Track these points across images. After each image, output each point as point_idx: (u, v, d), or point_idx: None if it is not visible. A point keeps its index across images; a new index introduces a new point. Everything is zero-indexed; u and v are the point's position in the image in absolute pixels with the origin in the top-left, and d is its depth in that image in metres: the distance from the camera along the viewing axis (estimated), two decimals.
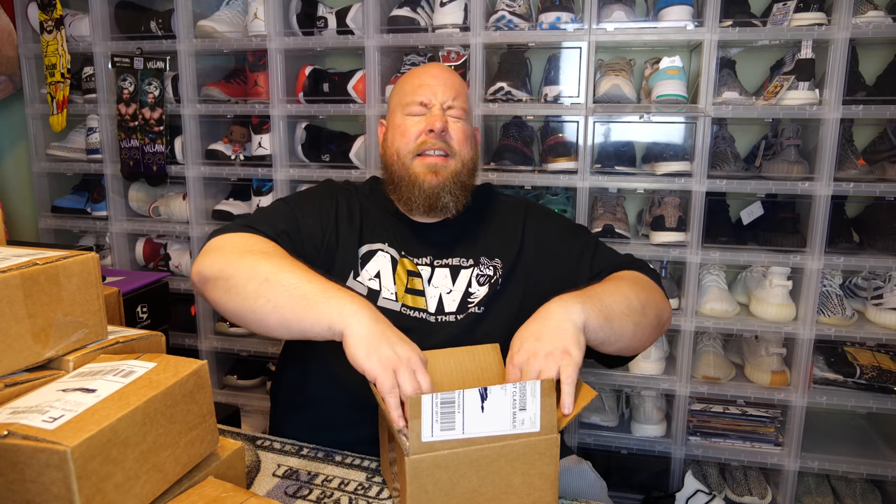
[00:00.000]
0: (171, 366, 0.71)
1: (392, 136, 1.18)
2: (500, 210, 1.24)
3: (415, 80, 1.18)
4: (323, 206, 1.17)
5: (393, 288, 1.12)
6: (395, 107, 1.19)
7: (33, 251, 0.77)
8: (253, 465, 0.94)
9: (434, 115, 1.13)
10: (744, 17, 1.67)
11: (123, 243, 2.18)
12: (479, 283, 1.15)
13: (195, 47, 1.97)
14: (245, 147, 2.05)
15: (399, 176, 1.15)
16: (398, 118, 1.17)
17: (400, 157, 1.15)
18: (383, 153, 1.22)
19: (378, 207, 1.21)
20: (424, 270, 1.15)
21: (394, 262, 1.14)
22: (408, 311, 1.11)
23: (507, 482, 0.78)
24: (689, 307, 1.75)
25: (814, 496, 1.79)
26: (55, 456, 0.56)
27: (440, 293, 1.13)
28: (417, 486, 0.74)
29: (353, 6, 1.87)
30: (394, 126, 1.18)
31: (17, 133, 2.40)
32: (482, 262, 1.17)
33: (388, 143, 1.19)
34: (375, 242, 1.16)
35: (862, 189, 1.63)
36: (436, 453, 0.74)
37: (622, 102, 1.73)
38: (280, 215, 1.13)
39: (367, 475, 0.93)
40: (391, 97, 1.23)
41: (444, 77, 1.17)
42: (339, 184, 1.27)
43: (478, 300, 1.13)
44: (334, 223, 1.15)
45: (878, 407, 1.70)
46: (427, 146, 1.13)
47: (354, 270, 1.12)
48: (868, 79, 1.74)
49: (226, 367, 2.20)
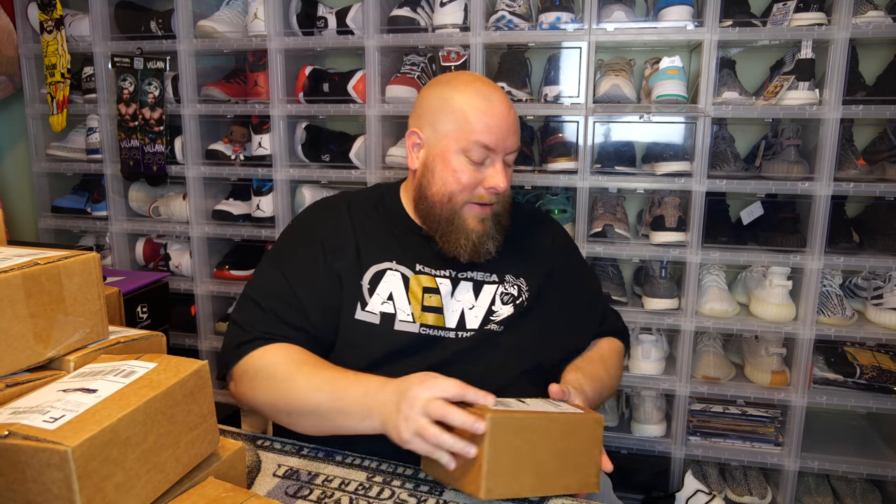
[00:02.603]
0: (172, 366, 0.71)
1: (444, 174, 1.08)
2: (526, 227, 1.20)
3: (482, 118, 1.05)
4: (312, 259, 1.10)
5: (409, 308, 1.07)
6: (453, 138, 1.07)
7: (34, 251, 0.77)
8: (253, 465, 0.94)
9: (498, 171, 1.07)
10: (744, 17, 1.67)
11: (123, 243, 2.18)
12: (502, 301, 1.12)
13: (195, 47, 1.97)
14: (245, 147, 2.05)
15: (444, 218, 1.08)
16: (455, 158, 1.07)
17: (451, 201, 1.08)
18: (423, 181, 1.11)
19: (384, 223, 1.15)
20: (444, 284, 1.10)
21: (405, 279, 1.09)
22: (427, 330, 1.07)
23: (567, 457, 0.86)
24: (689, 307, 1.75)
25: (814, 496, 1.79)
26: (56, 456, 0.56)
27: (462, 308, 1.10)
28: (494, 447, 0.79)
29: (353, 6, 1.87)
30: (447, 164, 1.07)
31: (17, 133, 2.40)
32: (507, 280, 1.14)
33: (438, 180, 1.08)
34: (380, 262, 1.10)
35: (862, 189, 1.63)
36: (514, 416, 0.82)
37: (622, 102, 1.73)
38: (285, 304, 1.06)
39: (368, 475, 0.93)
40: (441, 114, 1.09)
41: (511, 119, 1.08)
42: (317, 215, 1.17)
43: (500, 318, 1.10)
44: (327, 268, 1.08)
45: (878, 407, 1.70)
46: (483, 199, 1.09)
47: (361, 301, 1.08)
48: (868, 79, 1.74)
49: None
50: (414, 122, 1.14)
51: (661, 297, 1.77)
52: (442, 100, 1.09)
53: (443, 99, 1.09)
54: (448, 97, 1.08)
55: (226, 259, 2.14)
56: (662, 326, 1.82)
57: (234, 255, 2.15)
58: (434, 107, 1.10)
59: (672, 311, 1.78)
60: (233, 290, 2.07)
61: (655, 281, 1.80)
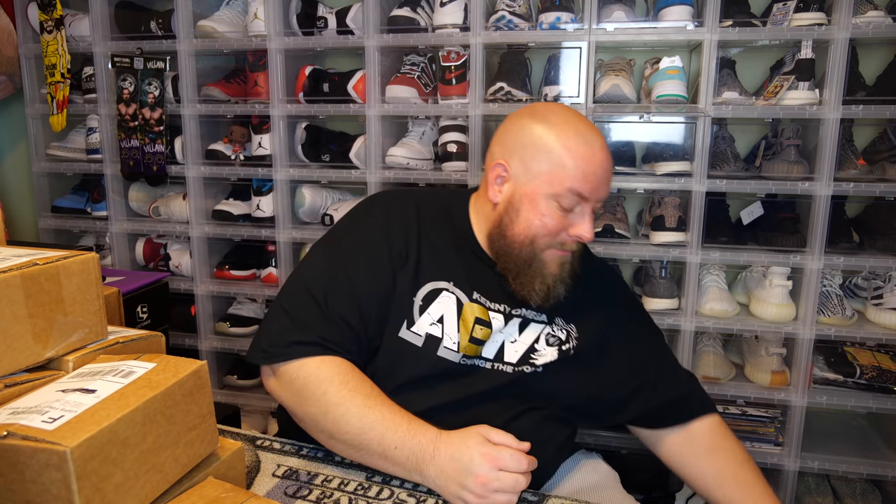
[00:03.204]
0: (171, 366, 0.71)
1: (529, 216, 1.01)
2: (589, 275, 1.14)
3: (582, 164, 0.99)
4: (376, 260, 1.03)
5: (456, 337, 1.03)
6: (545, 180, 1.00)
7: (33, 251, 0.77)
8: (253, 465, 0.94)
9: (586, 220, 1.02)
10: (744, 17, 1.67)
11: (123, 243, 2.18)
12: (547, 342, 1.07)
13: (195, 47, 1.97)
14: (245, 147, 2.05)
15: (523, 260, 1.03)
16: (544, 202, 1.01)
17: (533, 244, 1.02)
18: (506, 218, 1.04)
19: (450, 238, 1.09)
20: (497, 318, 1.05)
21: (459, 305, 1.04)
22: (466, 360, 1.03)
23: None
24: (689, 307, 1.75)
25: (814, 496, 1.79)
26: (55, 456, 0.56)
27: (504, 340, 1.06)
28: None
29: (353, 6, 1.87)
30: (535, 207, 1.01)
31: (17, 133, 2.41)
32: (557, 322, 1.09)
33: (522, 221, 1.02)
34: (438, 280, 1.04)
35: (862, 189, 1.63)
36: None
37: (622, 102, 1.73)
38: (346, 307, 1.00)
39: (367, 475, 0.93)
40: (535, 152, 1.01)
41: (609, 166, 1.03)
42: (387, 213, 1.09)
43: (541, 361, 1.06)
44: (390, 275, 1.03)
45: (878, 407, 1.70)
46: (566, 246, 1.04)
47: (409, 320, 1.02)
48: (868, 79, 1.74)
49: (226, 367, 2.20)
50: (500, 151, 1.05)
51: (661, 297, 1.77)
52: (537, 136, 1.01)
53: (538, 135, 1.01)
54: (545, 134, 1.00)
55: (226, 259, 2.14)
56: (662, 326, 1.81)
57: (234, 255, 2.15)
58: (527, 142, 1.02)
59: (672, 311, 1.78)
60: (233, 290, 2.07)
61: (655, 281, 1.80)
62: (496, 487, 0.85)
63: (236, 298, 2.18)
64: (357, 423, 0.91)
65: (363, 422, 0.91)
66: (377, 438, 0.90)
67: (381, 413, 0.92)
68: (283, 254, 2.00)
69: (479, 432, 0.90)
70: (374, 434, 0.90)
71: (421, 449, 0.89)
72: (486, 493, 0.85)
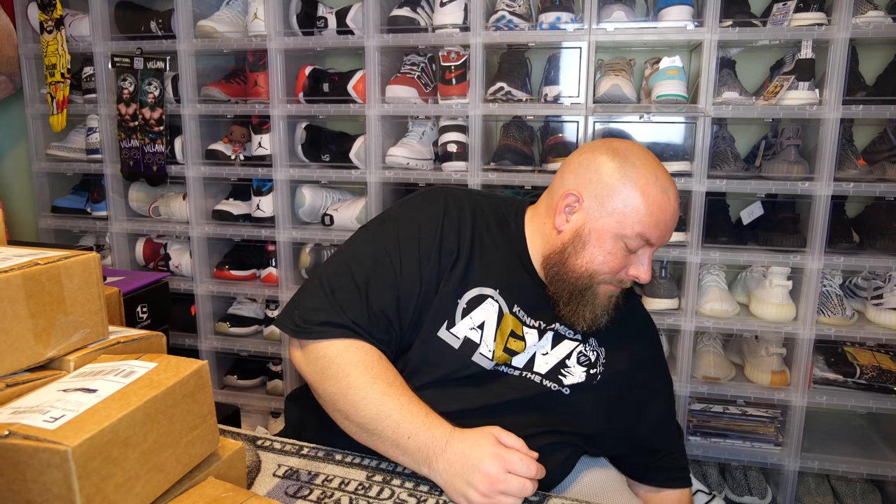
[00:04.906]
0: (172, 366, 0.71)
1: (594, 252, 1.03)
2: (628, 311, 1.14)
3: (656, 212, 1.01)
4: (424, 254, 1.03)
5: (492, 345, 1.04)
6: (617, 220, 1.01)
7: (34, 251, 0.77)
8: (253, 465, 0.94)
9: (646, 263, 1.04)
10: (744, 17, 1.67)
11: (123, 243, 2.18)
12: (578, 360, 1.08)
13: (195, 47, 1.97)
14: (245, 147, 2.05)
15: (578, 290, 1.04)
16: (612, 241, 1.02)
17: (591, 278, 1.04)
18: (569, 249, 1.05)
19: (503, 247, 1.09)
20: (531, 335, 1.07)
21: (500, 314, 1.05)
22: (498, 367, 1.05)
23: None
24: (689, 307, 1.75)
25: (814, 496, 1.79)
26: (56, 456, 0.56)
27: (536, 351, 1.07)
28: None
29: (353, 6, 1.87)
30: (602, 244, 1.02)
31: (17, 133, 2.41)
32: (590, 342, 1.10)
33: (586, 255, 1.03)
34: (485, 287, 1.05)
35: (862, 189, 1.63)
36: None
37: (622, 102, 1.73)
38: (386, 296, 1.00)
39: (368, 474, 0.93)
40: (613, 190, 1.02)
41: (676, 213, 1.05)
42: (443, 208, 1.08)
43: (569, 380, 1.07)
44: (436, 273, 1.03)
45: (878, 407, 1.70)
46: (622, 284, 1.07)
47: (450, 321, 1.03)
48: (868, 79, 1.74)
49: (226, 367, 2.21)
50: (574, 182, 1.05)
51: (661, 297, 1.77)
52: (617, 176, 1.02)
53: (619, 175, 1.02)
54: (625, 175, 1.01)
55: (226, 259, 2.14)
56: (662, 326, 1.81)
57: (234, 255, 2.15)
58: (606, 180, 1.02)
59: (672, 311, 1.78)
60: (233, 290, 2.07)
61: (655, 281, 1.80)
62: (503, 489, 0.85)
63: (236, 298, 2.18)
64: (375, 408, 0.92)
65: (381, 408, 0.92)
66: (392, 426, 0.91)
67: (400, 402, 0.93)
68: (282, 254, 2.00)
69: (492, 433, 0.90)
70: (391, 422, 0.91)
71: (433, 441, 0.90)
72: (492, 493, 0.85)
